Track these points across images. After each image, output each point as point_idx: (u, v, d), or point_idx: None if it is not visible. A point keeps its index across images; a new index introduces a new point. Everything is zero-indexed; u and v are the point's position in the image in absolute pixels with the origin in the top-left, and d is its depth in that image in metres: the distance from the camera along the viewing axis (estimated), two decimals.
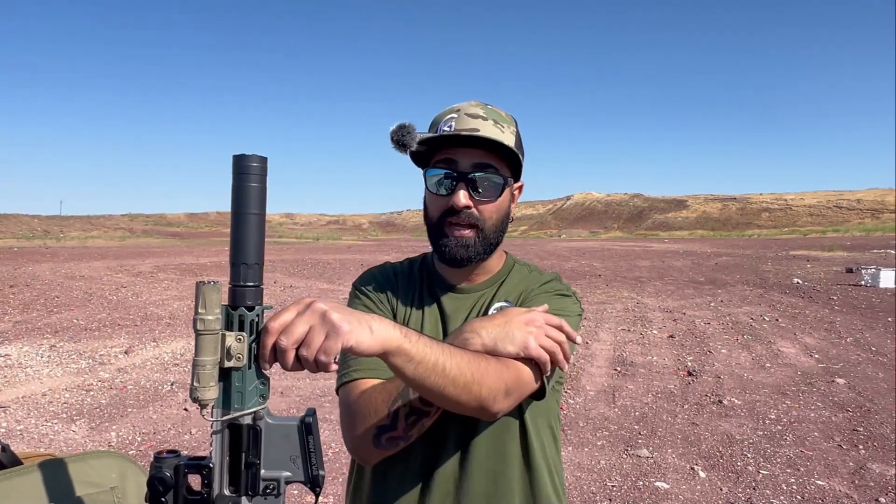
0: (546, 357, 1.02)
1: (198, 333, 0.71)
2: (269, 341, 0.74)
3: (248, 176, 0.73)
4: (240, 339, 0.73)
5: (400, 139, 1.10)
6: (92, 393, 6.20)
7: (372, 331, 0.81)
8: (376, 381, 1.11)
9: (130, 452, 4.60)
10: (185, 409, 5.64)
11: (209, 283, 0.72)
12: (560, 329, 1.05)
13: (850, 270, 19.96)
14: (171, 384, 6.51)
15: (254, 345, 0.74)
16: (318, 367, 0.75)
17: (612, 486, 4.06)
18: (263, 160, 0.74)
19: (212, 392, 0.71)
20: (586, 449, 4.70)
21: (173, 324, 10.34)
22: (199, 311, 0.71)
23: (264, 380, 0.75)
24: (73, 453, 1.08)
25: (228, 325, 0.73)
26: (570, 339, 1.06)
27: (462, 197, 1.14)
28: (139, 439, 4.91)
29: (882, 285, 15.30)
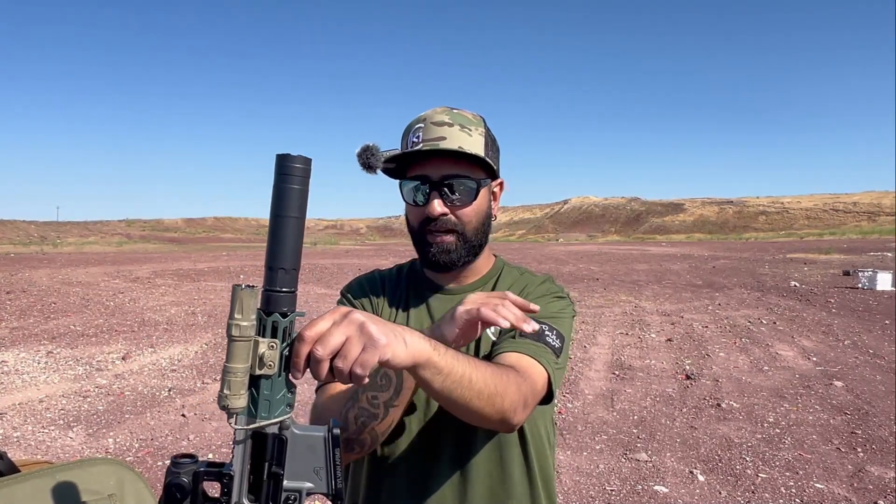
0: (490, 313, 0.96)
1: (231, 339, 0.68)
2: (304, 350, 0.72)
3: (289, 177, 0.70)
4: (272, 347, 0.70)
5: (366, 161, 1.10)
6: (89, 399, 6.18)
7: (406, 344, 0.79)
8: (346, 386, 1.12)
9: (128, 459, 4.58)
10: (183, 416, 5.62)
11: (246, 287, 0.68)
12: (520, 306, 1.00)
13: (847, 273, 20.01)
14: (169, 390, 6.49)
15: (285, 353, 0.72)
16: (351, 378, 0.74)
17: (611, 490, 4.05)
18: (307, 161, 0.71)
19: (242, 400, 0.69)
20: (585, 453, 4.69)
21: (171, 329, 10.32)
22: (236, 316, 0.68)
23: (292, 389, 0.73)
24: (70, 460, 1.08)
25: (260, 331, 0.70)
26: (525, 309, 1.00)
27: (437, 205, 1.14)
28: (137, 446, 4.89)
29: (879, 288, 15.32)
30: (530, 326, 0.98)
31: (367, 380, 0.74)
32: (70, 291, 16.21)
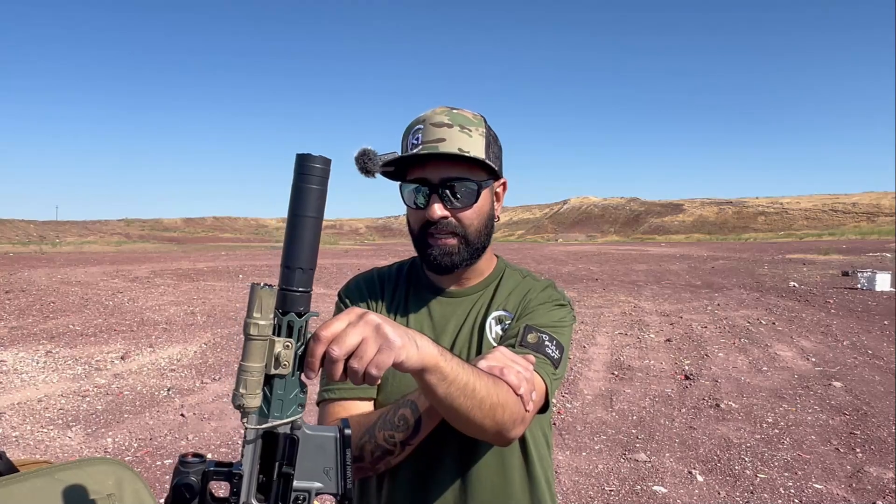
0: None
1: (249, 338, 0.68)
2: (320, 350, 0.72)
3: (308, 177, 0.70)
4: (287, 346, 0.70)
5: (363, 166, 1.08)
6: (88, 399, 6.18)
7: (418, 347, 0.80)
8: (354, 403, 1.14)
9: (127, 459, 4.58)
10: (182, 415, 5.62)
11: (265, 286, 0.68)
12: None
13: (846, 274, 20.03)
14: (168, 390, 6.49)
15: (299, 352, 0.72)
16: (365, 379, 0.74)
17: (610, 490, 4.05)
18: (327, 162, 0.71)
19: (257, 399, 0.69)
20: (584, 453, 4.69)
21: (170, 329, 10.31)
22: (254, 315, 0.67)
23: (305, 389, 0.73)
24: (69, 460, 1.08)
25: (275, 331, 0.70)
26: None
27: (437, 209, 1.13)
28: (136, 445, 4.89)
29: (878, 288, 15.34)
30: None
31: (379, 381, 0.75)
32: (69, 291, 16.20)
